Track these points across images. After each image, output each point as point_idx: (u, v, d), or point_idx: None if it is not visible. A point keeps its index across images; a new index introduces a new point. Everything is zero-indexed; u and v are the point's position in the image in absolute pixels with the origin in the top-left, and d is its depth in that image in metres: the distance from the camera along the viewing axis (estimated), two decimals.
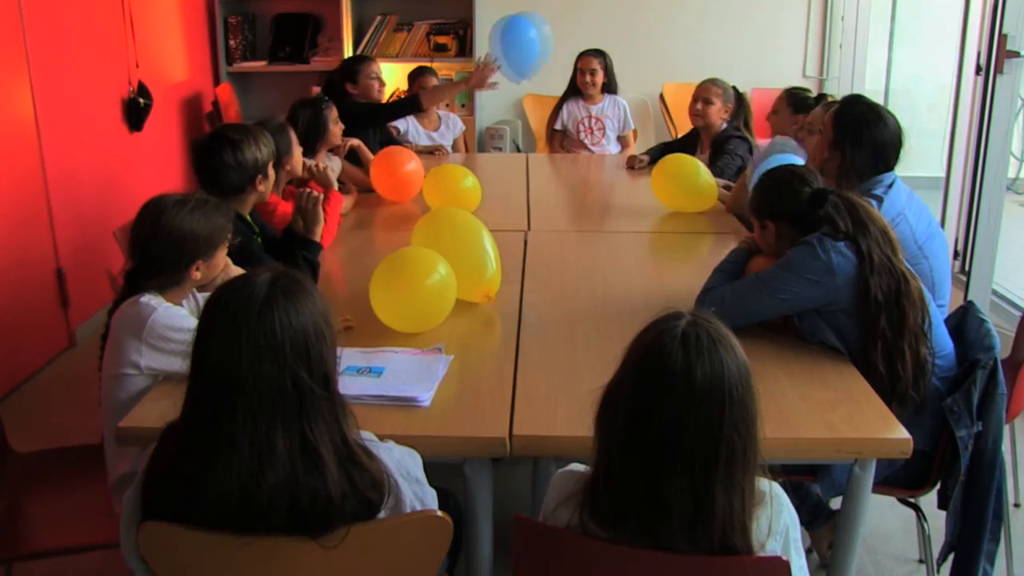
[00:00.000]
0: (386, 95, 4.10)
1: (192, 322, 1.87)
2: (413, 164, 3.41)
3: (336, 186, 2.92)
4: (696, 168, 3.31)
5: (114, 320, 1.92)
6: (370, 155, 3.62)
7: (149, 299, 1.89)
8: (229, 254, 2.07)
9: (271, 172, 2.49)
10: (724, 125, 3.89)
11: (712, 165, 3.75)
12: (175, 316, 1.88)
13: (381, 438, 1.46)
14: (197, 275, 1.96)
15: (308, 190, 2.58)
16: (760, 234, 2.21)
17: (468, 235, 2.35)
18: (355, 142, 3.62)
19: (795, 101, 3.47)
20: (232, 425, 1.26)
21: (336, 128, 3.36)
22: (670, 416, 1.22)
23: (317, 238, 2.52)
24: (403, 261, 2.16)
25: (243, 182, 2.40)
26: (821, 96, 3.47)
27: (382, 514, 1.34)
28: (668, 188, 3.35)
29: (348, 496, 1.29)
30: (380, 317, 2.11)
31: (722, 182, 3.52)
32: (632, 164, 4.10)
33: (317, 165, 2.91)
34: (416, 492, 1.41)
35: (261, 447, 1.26)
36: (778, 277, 2.03)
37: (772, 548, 1.30)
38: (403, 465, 1.42)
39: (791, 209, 2.11)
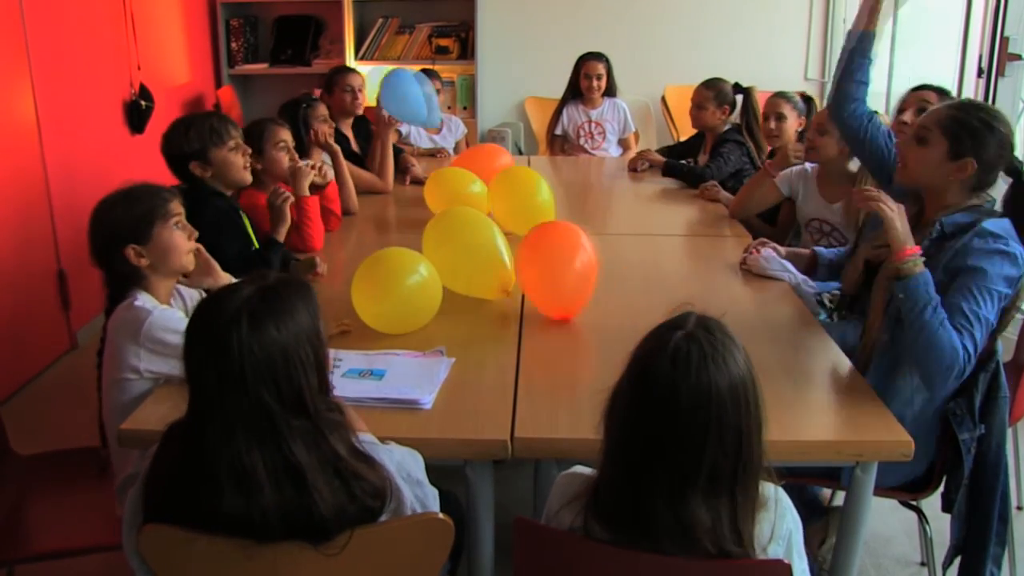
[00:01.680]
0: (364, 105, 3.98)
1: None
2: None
3: (306, 193, 2.81)
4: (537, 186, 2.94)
5: (110, 325, 1.92)
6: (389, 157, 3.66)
7: (143, 302, 1.90)
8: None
9: (218, 158, 2.51)
10: (727, 126, 3.87)
11: (705, 168, 3.75)
12: (170, 319, 1.88)
13: (383, 440, 1.46)
14: (143, 261, 1.94)
15: (279, 188, 2.67)
16: (939, 165, 1.96)
17: (480, 233, 2.36)
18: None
19: (797, 105, 3.45)
20: (212, 446, 1.26)
21: (323, 126, 3.30)
22: (654, 431, 1.22)
23: (281, 237, 2.61)
24: (381, 262, 2.17)
25: (175, 166, 2.55)
26: (808, 98, 3.46)
27: (383, 517, 1.34)
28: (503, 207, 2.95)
29: (346, 509, 1.28)
30: (364, 319, 2.12)
31: (723, 192, 3.52)
32: (634, 167, 4.10)
33: (297, 167, 2.83)
34: (417, 494, 1.41)
35: (238, 470, 1.25)
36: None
37: (774, 552, 1.29)
38: (404, 467, 1.42)
39: (995, 167, 1.97)
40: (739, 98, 3.88)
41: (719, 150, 3.77)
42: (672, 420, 1.21)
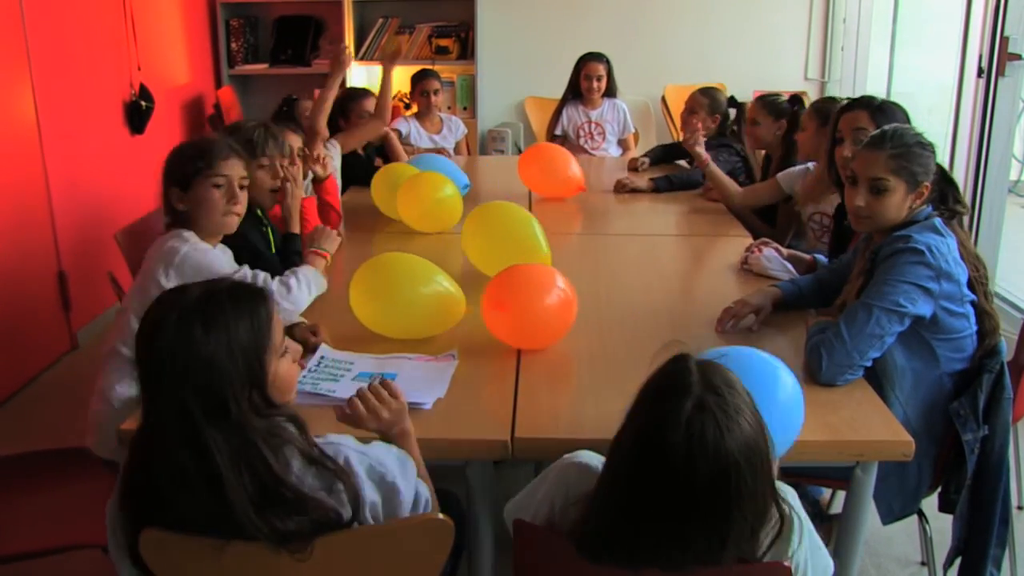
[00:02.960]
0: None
1: (223, 267, 2.07)
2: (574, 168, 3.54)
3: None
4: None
5: (150, 249, 2.09)
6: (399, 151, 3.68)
7: (189, 236, 2.07)
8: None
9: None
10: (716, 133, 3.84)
11: (695, 170, 3.73)
12: (206, 253, 2.07)
13: (365, 441, 1.42)
14: (180, 206, 2.10)
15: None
16: (904, 202, 1.99)
17: (518, 224, 2.44)
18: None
19: (774, 108, 3.42)
20: (151, 439, 1.26)
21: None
22: (670, 497, 1.18)
23: (295, 229, 2.56)
24: (386, 266, 2.15)
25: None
26: (796, 98, 3.43)
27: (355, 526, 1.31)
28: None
29: (278, 528, 1.24)
30: (360, 317, 2.11)
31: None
32: (633, 166, 4.10)
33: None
34: (387, 496, 1.37)
35: (171, 468, 1.23)
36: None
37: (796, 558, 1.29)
38: (376, 471, 1.37)
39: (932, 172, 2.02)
40: (732, 111, 3.85)
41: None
42: (690, 490, 1.17)
